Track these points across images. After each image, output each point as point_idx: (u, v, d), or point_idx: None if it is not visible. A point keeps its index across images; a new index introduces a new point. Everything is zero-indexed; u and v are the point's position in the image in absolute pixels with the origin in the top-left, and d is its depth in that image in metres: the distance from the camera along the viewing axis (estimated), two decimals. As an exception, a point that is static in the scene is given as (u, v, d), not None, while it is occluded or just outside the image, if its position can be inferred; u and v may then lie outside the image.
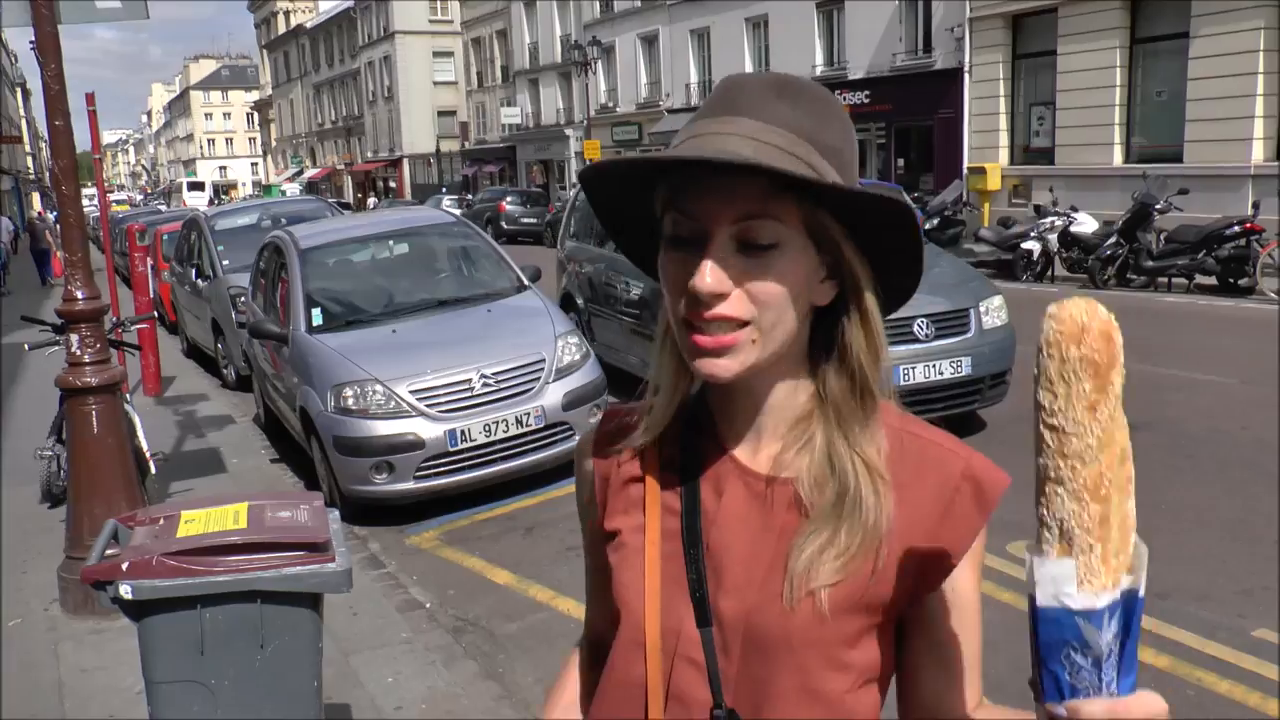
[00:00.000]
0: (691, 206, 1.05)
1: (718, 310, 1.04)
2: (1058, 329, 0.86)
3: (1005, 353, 7.48)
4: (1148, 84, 21.17)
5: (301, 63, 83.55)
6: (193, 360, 13.94)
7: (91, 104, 10.47)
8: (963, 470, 1.11)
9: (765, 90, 1.06)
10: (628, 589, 1.17)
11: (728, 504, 1.14)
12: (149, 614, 2.69)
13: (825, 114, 1.07)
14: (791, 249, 1.05)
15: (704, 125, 1.07)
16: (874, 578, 1.08)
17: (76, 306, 5.23)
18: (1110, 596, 0.84)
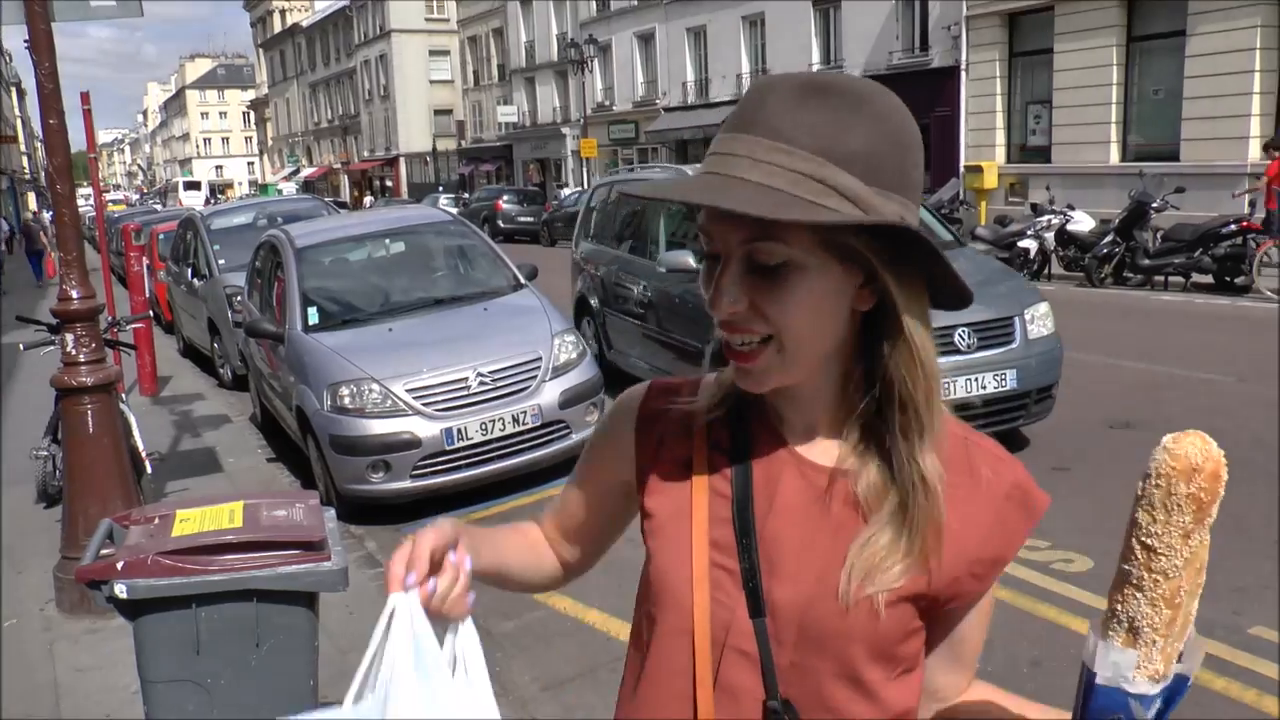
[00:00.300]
0: (709, 226, 1.08)
1: (736, 329, 1.07)
2: (1170, 464, 0.92)
3: (1052, 365, 7.04)
4: (1144, 82, 21.19)
5: (297, 62, 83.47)
6: (189, 360, 13.92)
7: (86, 103, 10.44)
8: (1014, 480, 1.15)
9: (783, 99, 1.04)
10: (672, 575, 1.15)
11: (784, 494, 1.14)
12: (144, 613, 2.69)
13: (852, 117, 1.03)
14: (806, 267, 1.04)
15: (723, 142, 1.08)
16: (930, 582, 1.11)
17: (71, 306, 5.22)
18: (1164, 684, 0.94)
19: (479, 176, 54.53)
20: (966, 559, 1.12)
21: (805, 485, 1.13)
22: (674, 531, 1.17)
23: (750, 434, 1.17)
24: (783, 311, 1.04)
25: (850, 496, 1.11)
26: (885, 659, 1.11)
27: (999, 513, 1.13)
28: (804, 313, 1.05)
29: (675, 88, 38.48)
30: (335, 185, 75.20)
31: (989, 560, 1.14)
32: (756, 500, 1.14)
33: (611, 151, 42.79)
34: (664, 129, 38.28)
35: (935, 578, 1.10)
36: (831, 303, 1.06)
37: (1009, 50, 23.95)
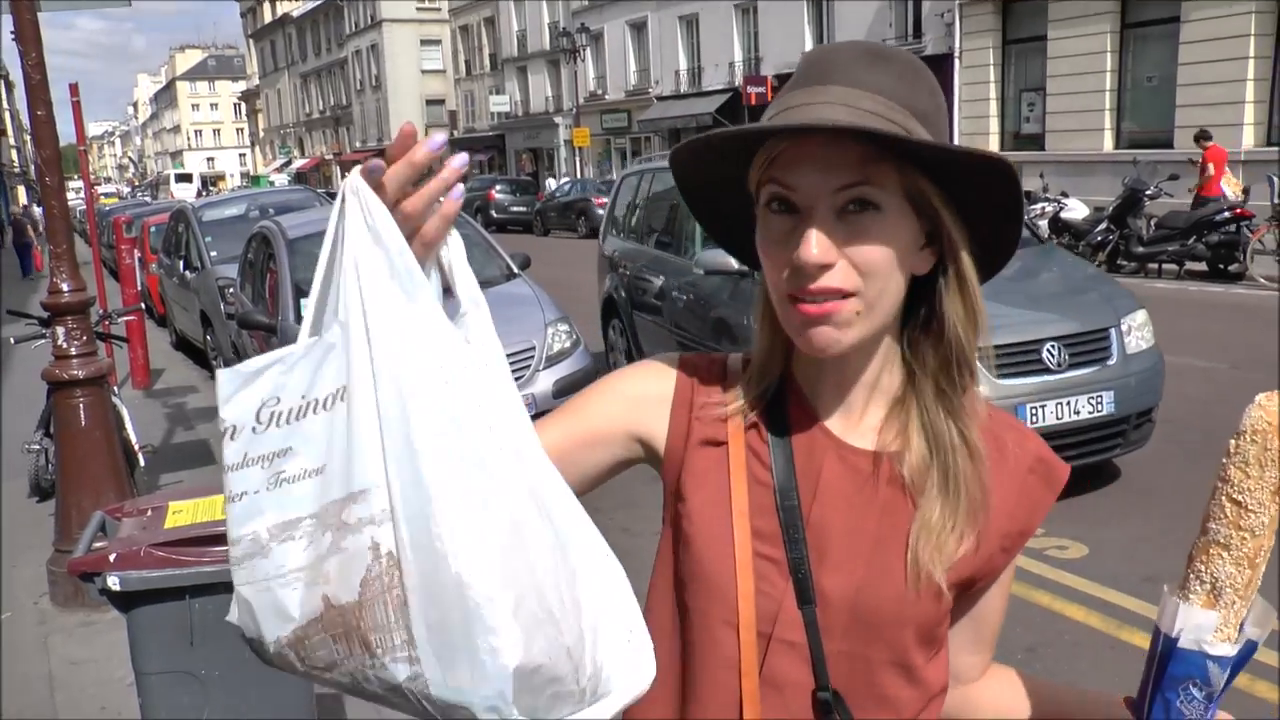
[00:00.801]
0: (789, 178, 1.02)
1: (823, 282, 1.01)
2: (1266, 419, 0.95)
3: (1153, 383, 6.13)
4: (1138, 69, 21.19)
5: (288, 52, 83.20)
6: (181, 352, 13.89)
7: (75, 95, 10.38)
8: (1036, 453, 1.15)
9: (855, 58, 1.04)
10: (714, 564, 1.11)
11: (827, 479, 1.11)
12: (137, 605, 2.68)
13: (916, 79, 1.05)
14: (893, 214, 1.02)
15: (795, 97, 1.04)
16: (976, 554, 1.10)
17: (62, 299, 5.20)
18: (1240, 646, 0.96)
19: (472, 166, 54.45)
20: (998, 533, 1.12)
21: (847, 470, 1.11)
22: (713, 519, 1.13)
23: (786, 419, 1.14)
24: (873, 261, 1.02)
25: (895, 478, 1.10)
26: (930, 641, 1.11)
27: (1023, 485, 1.14)
28: (890, 264, 1.03)
29: (668, 76, 38.42)
30: (327, 176, 75.02)
31: (1015, 533, 1.14)
32: (799, 487, 1.11)
33: (604, 141, 42.74)
34: (657, 118, 38.22)
35: (977, 554, 1.10)
36: (906, 257, 1.05)
37: (1002, 38, 23.93)
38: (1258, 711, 3.73)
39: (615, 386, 1.22)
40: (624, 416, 1.19)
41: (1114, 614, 4.48)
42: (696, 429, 1.17)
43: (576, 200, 31.10)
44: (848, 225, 1.01)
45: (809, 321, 1.03)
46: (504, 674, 0.84)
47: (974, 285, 1.07)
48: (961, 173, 1.02)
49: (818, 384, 1.14)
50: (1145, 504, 5.78)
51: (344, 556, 0.85)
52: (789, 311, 1.05)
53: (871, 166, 1.00)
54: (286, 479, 0.88)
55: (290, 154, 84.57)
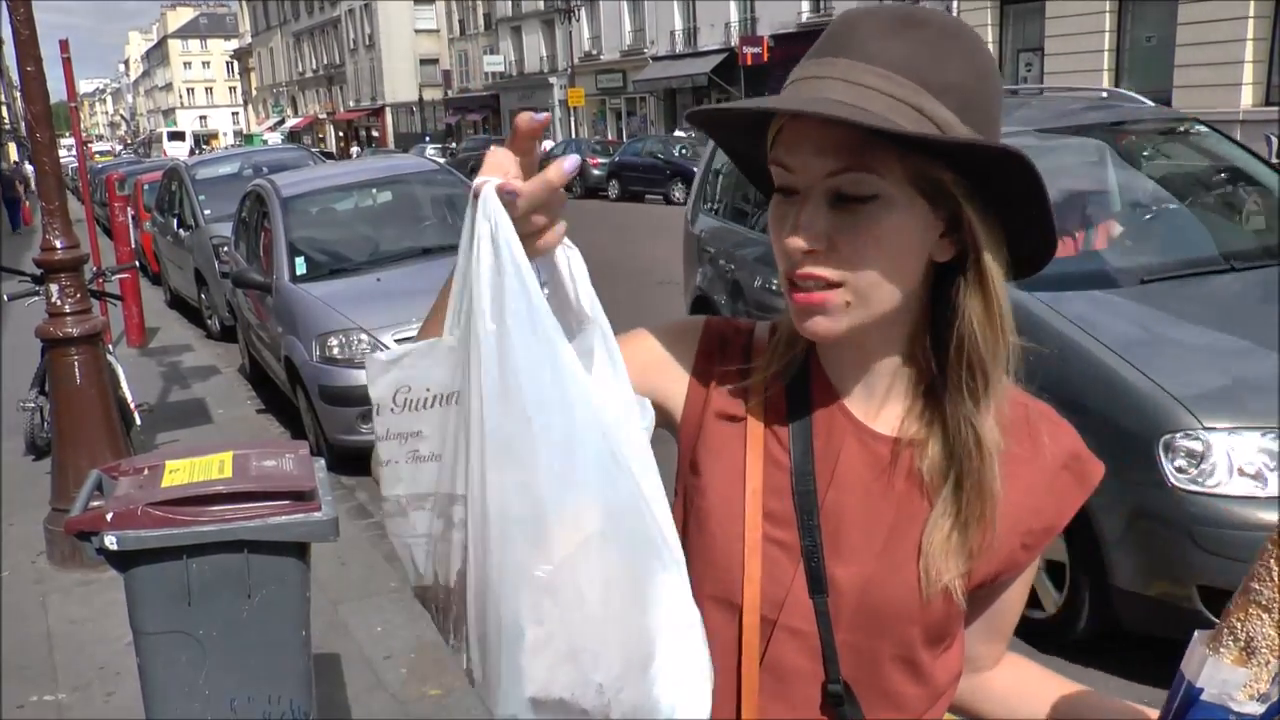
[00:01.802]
0: (787, 158, 0.99)
1: (807, 268, 0.98)
2: None
3: None
4: (1137, 29, 21.06)
5: (280, 10, 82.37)
6: (176, 311, 13.85)
7: (65, 52, 10.27)
8: (1071, 449, 1.10)
9: (878, 26, 0.97)
10: (722, 543, 1.08)
11: (845, 463, 1.07)
12: (135, 565, 2.67)
13: (946, 48, 0.96)
14: (893, 204, 0.96)
15: (807, 68, 1.00)
16: (991, 557, 1.07)
17: (55, 256, 5.17)
18: (1267, 706, 0.93)
19: (465, 126, 54.12)
20: (1021, 530, 1.08)
21: (867, 456, 1.07)
22: (726, 497, 1.09)
23: (807, 397, 1.10)
24: (863, 251, 0.97)
25: (914, 471, 1.05)
26: (938, 640, 1.08)
27: (1054, 481, 1.09)
28: (885, 254, 0.97)
29: (663, 37, 38.11)
30: (321, 135, 74.56)
31: (1040, 530, 1.10)
32: (816, 470, 1.07)
33: (599, 101, 42.46)
34: (652, 78, 37.97)
35: (995, 552, 1.06)
36: (913, 247, 0.99)
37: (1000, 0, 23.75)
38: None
39: (638, 344, 1.17)
40: (641, 375, 1.11)
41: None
42: (715, 400, 1.13)
43: (572, 160, 30.91)
44: (841, 213, 0.97)
45: (801, 310, 1.01)
46: (521, 701, 0.91)
47: (996, 282, 1.00)
48: (979, 160, 0.95)
49: (841, 364, 1.10)
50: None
51: (448, 546, 0.95)
52: (788, 295, 1.03)
53: (869, 151, 0.94)
54: (419, 457, 0.97)
55: (283, 113, 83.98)
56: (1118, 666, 3.80)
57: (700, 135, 3.40)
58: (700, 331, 1.17)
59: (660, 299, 11.81)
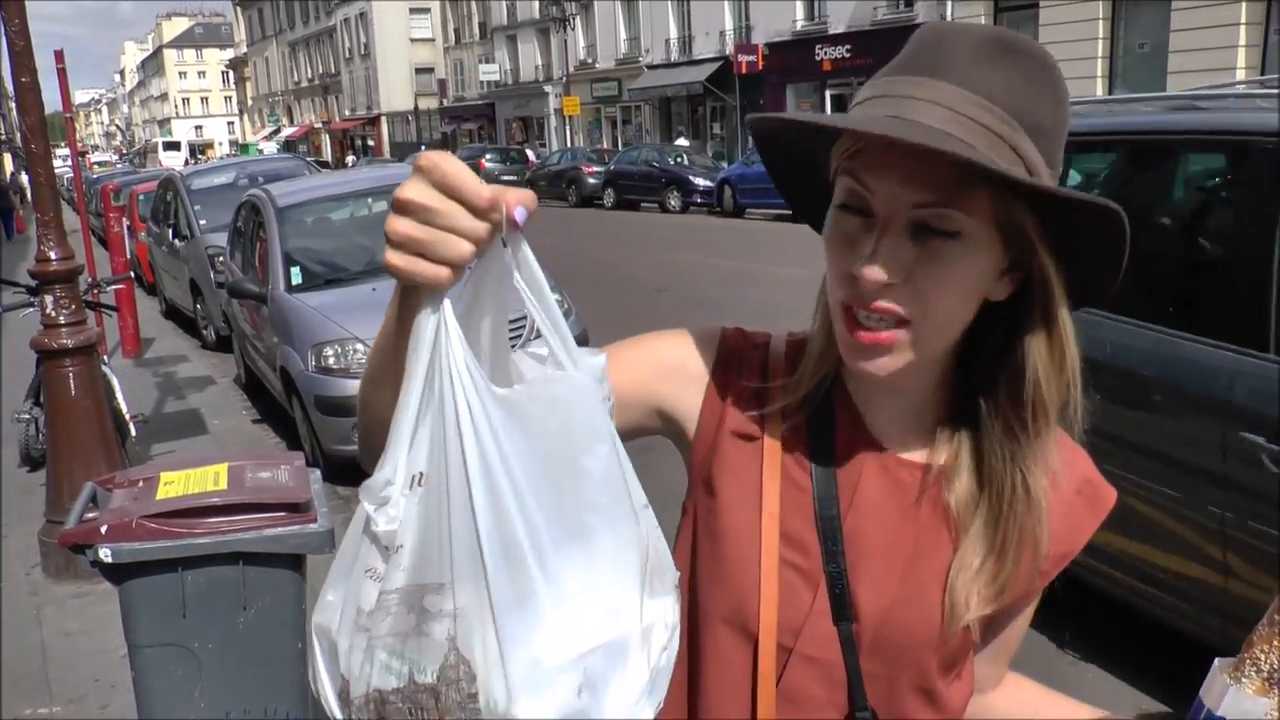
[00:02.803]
0: (869, 179, 0.92)
1: (880, 303, 0.93)
2: None
3: None
4: (1130, 35, 21.14)
5: (276, 20, 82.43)
6: (171, 321, 13.84)
7: (61, 62, 10.27)
8: (1084, 475, 1.08)
9: (974, 50, 0.90)
10: (737, 566, 1.04)
11: (866, 488, 1.04)
12: (129, 577, 2.66)
13: (1041, 86, 0.92)
14: (974, 243, 0.92)
15: (898, 85, 0.92)
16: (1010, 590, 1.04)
17: (50, 267, 5.16)
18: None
19: (461, 135, 54.15)
20: (1038, 557, 1.04)
21: (888, 482, 1.04)
22: (742, 517, 1.05)
23: (829, 418, 1.06)
24: (940, 290, 0.92)
25: (938, 501, 1.03)
26: (952, 667, 1.06)
27: (1069, 509, 1.06)
28: (959, 294, 0.94)
29: (658, 45, 38.17)
30: (317, 145, 74.55)
31: (1056, 556, 1.06)
32: (839, 495, 1.04)
33: (595, 109, 42.51)
34: (647, 87, 38.02)
35: (1016, 586, 1.04)
36: (981, 288, 0.95)
37: (994, 5, 23.83)
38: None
39: (652, 350, 1.12)
40: (652, 386, 1.10)
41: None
42: (731, 416, 1.09)
43: (567, 169, 30.95)
44: (922, 247, 0.92)
45: (862, 348, 0.96)
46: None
47: (1066, 327, 0.97)
48: (1065, 208, 0.91)
49: (868, 388, 1.06)
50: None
51: (425, 641, 0.84)
52: (841, 326, 0.97)
53: (963, 186, 0.89)
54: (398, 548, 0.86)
55: (279, 122, 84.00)
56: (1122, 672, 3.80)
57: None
58: (718, 343, 1.12)
59: (655, 307, 11.81)
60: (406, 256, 0.80)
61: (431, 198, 0.77)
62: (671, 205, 25.23)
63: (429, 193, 0.77)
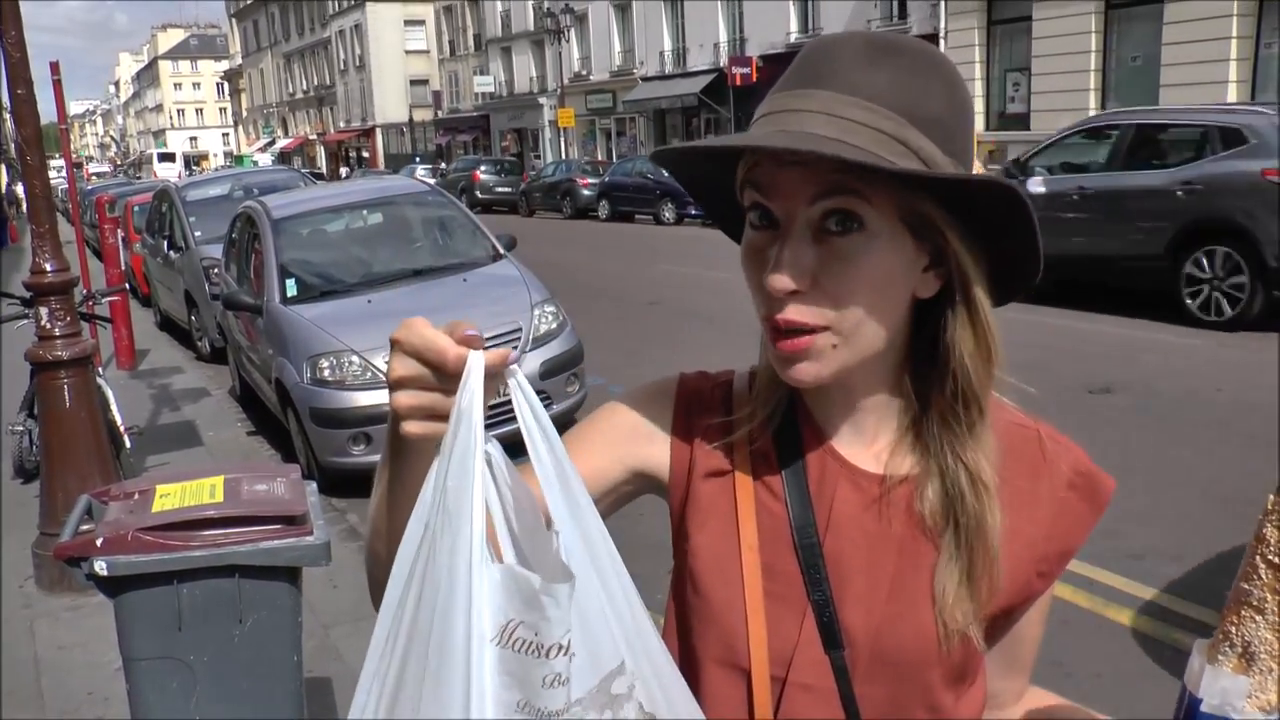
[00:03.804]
0: (767, 185, 0.94)
1: (790, 314, 0.94)
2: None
3: None
4: (1123, 48, 21.22)
5: (271, 32, 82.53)
6: (166, 333, 13.82)
7: (56, 73, 10.29)
8: (1074, 466, 1.06)
9: (854, 56, 0.93)
10: (721, 604, 1.04)
11: (840, 508, 1.03)
12: (125, 590, 2.66)
13: (928, 79, 0.93)
14: (879, 236, 0.93)
15: (782, 100, 0.95)
16: (1009, 585, 1.03)
17: (45, 279, 5.16)
18: (1275, 716, 0.90)
19: (456, 147, 54.19)
20: (1034, 556, 1.04)
21: (861, 499, 1.03)
22: (720, 555, 1.05)
23: (795, 441, 1.06)
24: (849, 286, 0.93)
25: (912, 512, 1.02)
26: (959, 679, 1.03)
27: (1062, 503, 1.05)
28: (872, 289, 0.94)
29: (653, 57, 38.26)
30: (311, 156, 74.60)
31: (1055, 556, 1.05)
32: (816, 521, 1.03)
33: (589, 121, 42.58)
34: (642, 99, 38.09)
35: (1009, 584, 1.02)
36: (898, 282, 0.96)
37: (987, 17, 23.90)
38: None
39: (610, 421, 1.14)
40: (621, 454, 1.11)
41: (1099, 592, 4.51)
42: (700, 459, 1.09)
43: (562, 181, 30.98)
44: (826, 246, 0.93)
45: (785, 358, 0.97)
46: None
47: (986, 314, 0.98)
48: (964, 196, 0.93)
49: (828, 405, 1.06)
50: (1127, 480, 5.81)
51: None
52: (767, 338, 0.99)
53: (856, 178, 0.90)
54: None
55: (274, 134, 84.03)
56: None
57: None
58: (674, 392, 1.13)
59: (649, 319, 11.83)
60: (418, 423, 0.86)
61: (413, 368, 0.84)
62: (666, 217, 25.25)
63: (409, 364, 0.84)
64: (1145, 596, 4.48)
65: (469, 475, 0.81)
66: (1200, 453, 6.19)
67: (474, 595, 0.80)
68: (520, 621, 0.82)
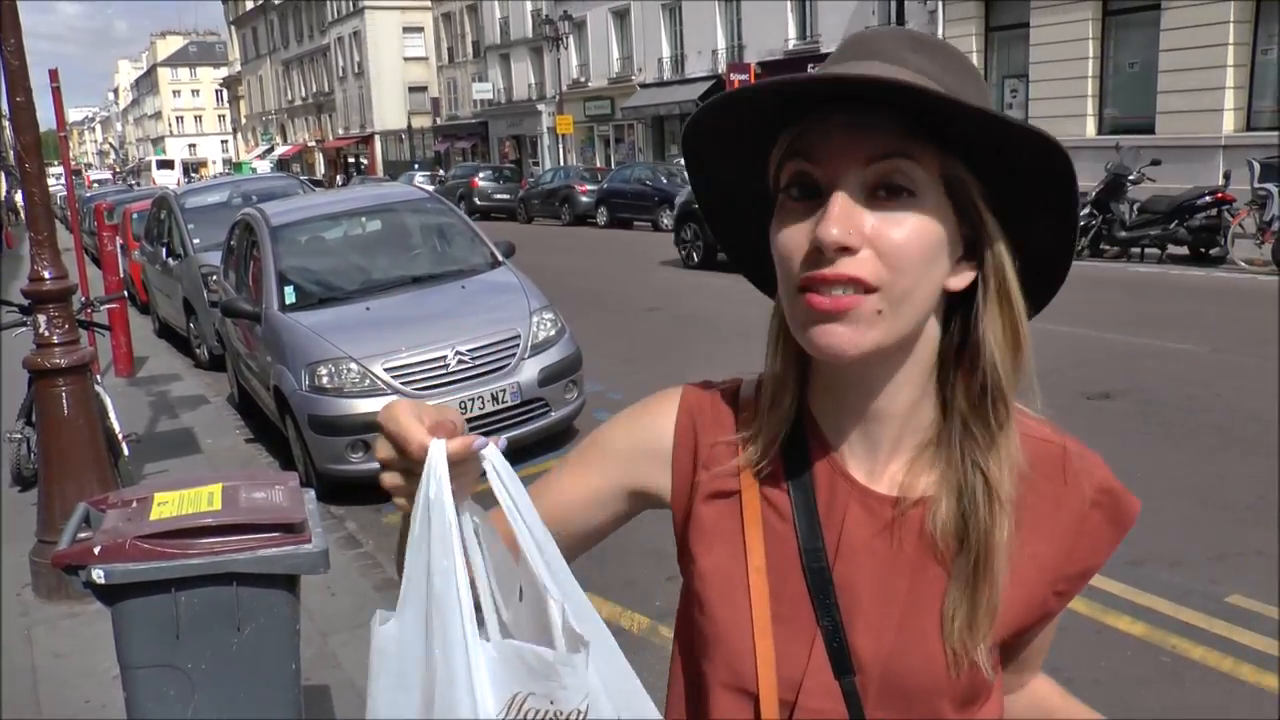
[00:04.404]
0: (814, 149, 0.90)
1: (841, 268, 0.88)
2: None
3: None
4: (1120, 55, 21.27)
5: (270, 39, 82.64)
6: (165, 340, 13.82)
7: (55, 81, 10.29)
8: (1098, 484, 1.02)
9: (898, 42, 0.93)
10: (728, 628, 1.01)
11: (850, 531, 1.00)
12: (123, 598, 2.66)
13: (962, 74, 0.93)
14: (929, 202, 0.90)
15: (834, 69, 0.92)
16: (1023, 606, 1.01)
17: (44, 286, 5.16)
18: None
19: (454, 154, 54.23)
20: (1052, 576, 1.01)
21: (872, 520, 1.00)
22: (727, 576, 1.03)
23: (803, 461, 1.02)
24: (905, 252, 0.89)
25: (924, 532, 0.98)
26: (970, 701, 1.00)
27: (1084, 522, 1.01)
28: (923, 260, 0.90)
29: (651, 64, 38.31)
30: (310, 163, 74.65)
31: (1074, 575, 1.02)
32: (824, 543, 1.00)
33: (588, 128, 42.61)
34: (640, 105, 38.13)
35: (1024, 605, 1.00)
36: (941, 260, 0.92)
37: (985, 25, 23.95)
38: (1258, 704, 3.76)
39: (610, 440, 1.12)
40: (621, 473, 1.10)
41: (1098, 599, 4.50)
42: (704, 480, 1.06)
43: (560, 188, 30.99)
44: (877, 209, 0.89)
45: (819, 317, 0.90)
46: None
47: (1019, 303, 0.94)
48: (1008, 166, 0.90)
49: (839, 417, 1.02)
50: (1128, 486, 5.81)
51: None
52: (797, 306, 0.92)
53: (911, 141, 0.88)
54: None
55: (272, 141, 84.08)
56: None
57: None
58: (676, 407, 1.10)
59: (647, 325, 11.83)
60: (405, 500, 0.92)
61: (389, 451, 0.90)
62: (664, 224, 25.23)
63: (387, 447, 0.91)
64: (1144, 603, 4.47)
65: (451, 558, 0.85)
66: (1199, 459, 6.19)
67: (473, 673, 0.83)
68: (530, 693, 0.85)
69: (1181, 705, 3.77)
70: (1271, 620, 4.26)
